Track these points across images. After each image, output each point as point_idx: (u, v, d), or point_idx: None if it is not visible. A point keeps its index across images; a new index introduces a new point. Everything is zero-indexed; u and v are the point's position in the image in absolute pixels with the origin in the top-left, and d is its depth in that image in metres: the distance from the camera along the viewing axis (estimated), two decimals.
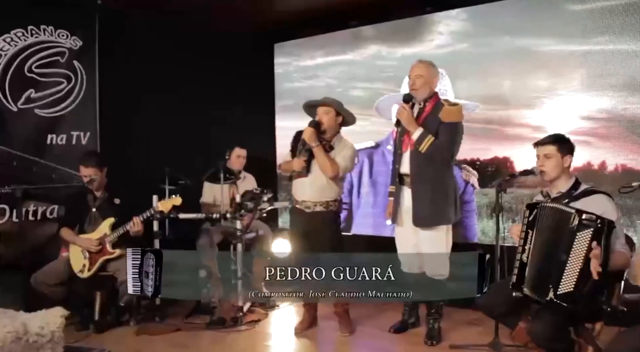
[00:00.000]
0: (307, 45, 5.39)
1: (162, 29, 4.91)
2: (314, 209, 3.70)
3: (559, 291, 2.50)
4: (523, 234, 2.76)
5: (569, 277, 2.48)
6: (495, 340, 3.27)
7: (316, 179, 3.68)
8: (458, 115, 3.43)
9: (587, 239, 2.45)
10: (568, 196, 2.76)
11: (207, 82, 5.21)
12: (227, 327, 3.95)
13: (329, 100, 3.77)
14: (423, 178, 3.46)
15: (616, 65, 3.81)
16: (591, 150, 3.92)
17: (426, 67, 3.51)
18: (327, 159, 3.60)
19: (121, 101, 4.69)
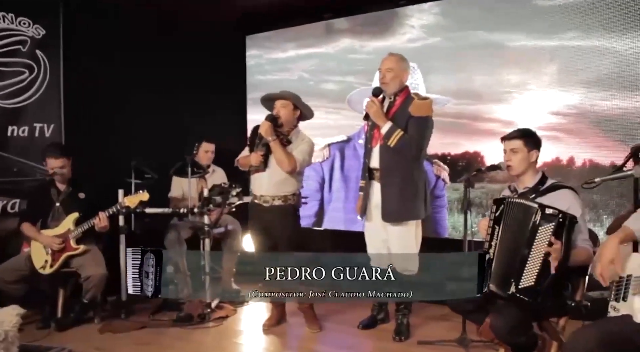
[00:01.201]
0: (279, 37, 5.32)
1: (130, 19, 4.78)
2: (272, 203, 3.66)
3: (520, 285, 2.50)
4: (490, 229, 2.75)
5: (530, 271, 2.48)
6: (462, 336, 3.27)
7: (274, 174, 3.63)
8: (428, 110, 3.41)
9: (548, 234, 2.45)
10: (535, 191, 2.75)
11: (177, 74, 5.09)
12: (194, 324, 3.89)
13: (286, 93, 3.72)
14: (392, 173, 3.43)
15: (585, 61, 3.83)
16: (560, 146, 3.94)
17: (397, 61, 3.47)
18: (284, 154, 3.55)
19: (87, 93, 4.55)
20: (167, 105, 5.03)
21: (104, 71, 4.62)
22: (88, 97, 4.56)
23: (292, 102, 3.67)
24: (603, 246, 2.22)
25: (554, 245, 2.42)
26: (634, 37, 3.63)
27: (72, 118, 4.51)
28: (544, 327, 2.83)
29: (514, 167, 2.78)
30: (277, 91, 3.81)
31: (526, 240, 2.51)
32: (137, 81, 4.82)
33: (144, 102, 4.88)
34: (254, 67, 5.50)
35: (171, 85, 5.05)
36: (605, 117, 3.78)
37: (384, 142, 3.40)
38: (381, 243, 3.57)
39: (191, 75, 5.19)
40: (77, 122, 4.52)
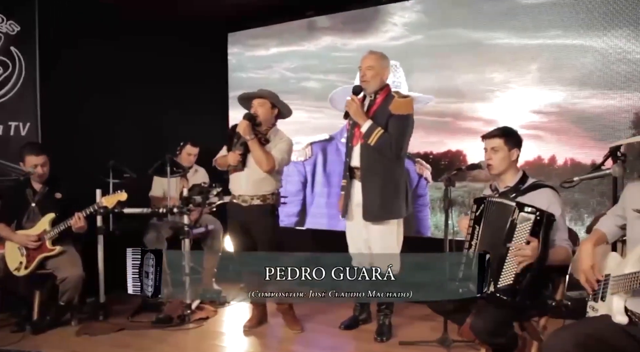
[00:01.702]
0: (261, 35, 5.26)
1: (110, 16, 4.69)
2: (250, 202, 3.61)
3: (499, 284, 2.48)
4: (470, 229, 2.73)
5: (508, 270, 2.46)
6: (444, 336, 3.25)
7: (253, 173, 3.59)
8: (408, 108, 3.38)
9: (526, 232, 2.44)
10: (515, 190, 2.72)
11: (158, 71, 5.01)
12: (173, 326, 3.83)
13: (264, 92, 3.68)
14: (373, 172, 3.40)
15: (567, 60, 3.82)
16: (541, 144, 3.93)
17: (377, 59, 3.44)
18: (262, 153, 3.50)
19: (64, 90, 4.46)
20: (147, 104, 4.95)
21: (82, 68, 4.53)
22: (65, 95, 4.47)
23: (270, 101, 3.62)
24: (579, 252, 2.21)
25: (531, 243, 2.41)
26: (615, 36, 3.63)
27: (49, 116, 4.41)
28: (525, 327, 2.82)
29: (494, 166, 2.76)
30: (257, 89, 3.77)
31: (504, 238, 2.50)
32: (116, 79, 4.73)
33: (124, 100, 4.80)
34: (236, 65, 5.44)
35: (151, 83, 4.97)
36: (587, 115, 3.78)
37: (365, 141, 3.37)
38: (362, 242, 3.54)
39: (172, 73, 5.11)
40: (54, 120, 4.42)
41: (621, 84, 3.63)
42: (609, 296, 2.05)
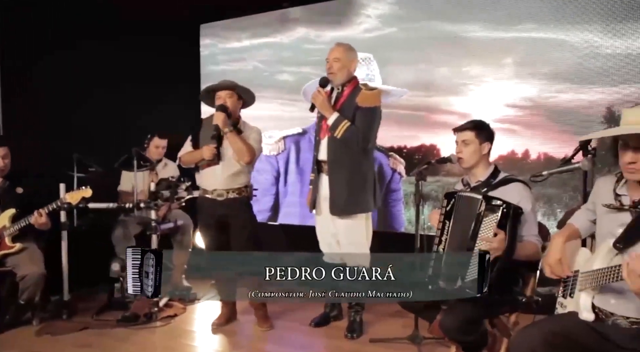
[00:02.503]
0: (233, 26, 5.15)
1: (75, 6, 4.54)
2: (227, 196, 3.53)
3: (467, 279, 2.42)
4: (441, 224, 2.67)
5: (475, 264, 2.41)
6: (414, 333, 3.21)
7: (228, 166, 3.51)
8: (375, 100, 3.32)
9: (493, 224, 2.41)
10: (487, 185, 2.68)
11: (127, 64, 4.87)
12: (139, 324, 3.72)
13: (229, 83, 3.59)
14: (340, 165, 3.35)
15: (541, 53, 3.80)
16: (515, 139, 3.90)
17: (344, 50, 3.37)
18: (243, 144, 3.43)
19: (26, 82, 4.30)
20: (116, 96, 4.81)
21: (45, 60, 4.37)
22: (27, 87, 4.31)
23: (236, 92, 3.54)
24: (549, 245, 2.17)
25: (498, 235, 2.37)
26: (587, 30, 3.61)
27: (10, 109, 4.25)
28: (495, 323, 2.78)
29: (465, 159, 2.71)
30: (219, 81, 3.66)
31: (472, 232, 2.46)
32: (82, 70, 4.58)
33: (91, 91, 4.65)
34: (208, 57, 5.32)
35: (120, 75, 4.83)
36: (560, 110, 3.75)
37: (331, 134, 3.30)
38: (332, 237, 3.49)
39: (143, 64, 4.97)
40: (15, 113, 4.26)
41: (593, 79, 3.61)
42: (577, 292, 2.01)
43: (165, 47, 5.10)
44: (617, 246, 1.87)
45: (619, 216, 1.93)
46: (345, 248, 3.42)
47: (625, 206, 1.91)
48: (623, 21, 3.49)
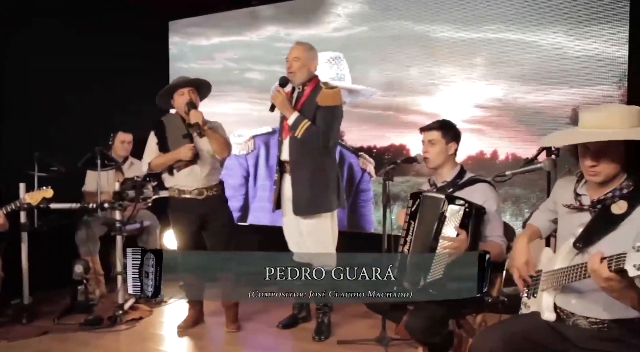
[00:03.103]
0: (203, 23, 5.07)
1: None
2: (207, 194, 3.50)
3: (429, 279, 2.41)
4: (406, 224, 2.65)
5: (438, 263, 2.40)
6: (382, 334, 3.19)
7: (205, 164, 3.48)
8: (336, 99, 3.31)
9: (455, 224, 2.41)
10: (453, 185, 2.67)
11: (93, 58, 4.76)
12: (103, 327, 3.63)
13: (190, 78, 3.55)
14: (302, 165, 3.33)
15: (508, 54, 3.82)
16: (484, 139, 3.91)
17: (304, 50, 3.35)
18: (221, 139, 3.42)
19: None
20: (81, 92, 4.69)
21: (3, 54, 4.24)
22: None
23: (195, 86, 3.50)
24: (514, 249, 2.16)
25: (460, 235, 2.37)
26: (552, 32, 3.64)
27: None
28: (461, 324, 2.77)
29: (430, 159, 2.70)
30: (177, 78, 3.61)
31: (434, 232, 2.44)
32: (46, 64, 4.45)
33: (54, 87, 4.52)
34: (177, 54, 5.23)
35: (86, 72, 4.71)
36: (527, 110, 3.78)
37: (292, 134, 3.28)
38: (299, 237, 3.46)
39: (108, 61, 4.86)
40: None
41: (559, 80, 3.65)
42: (540, 292, 2.00)
43: (133, 44, 5.00)
44: (577, 245, 1.87)
45: (579, 216, 1.92)
46: (311, 248, 3.39)
47: (585, 206, 1.91)
48: (586, 24, 3.53)
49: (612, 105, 1.89)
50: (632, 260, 1.45)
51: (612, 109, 1.82)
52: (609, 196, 1.85)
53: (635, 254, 1.45)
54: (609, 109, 1.82)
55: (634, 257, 1.45)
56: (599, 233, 1.84)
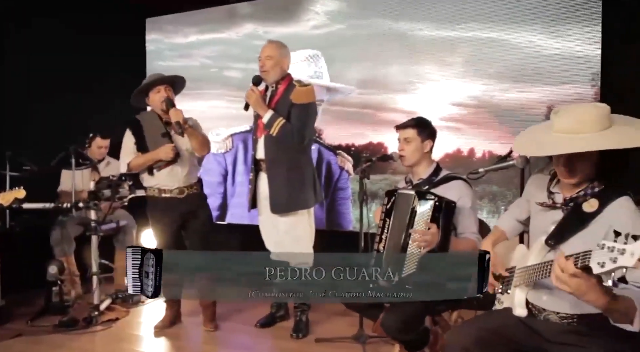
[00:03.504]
0: (180, 21, 5.02)
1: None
2: (187, 192, 3.49)
3: (403, 274, 2.42)
4: (381, 222, 2.66)
5: (411, 259, 2.41)
6: (359, 332, 3.18)
7: (184, 163, 3.47)
8: (309, 96, 3.31)
9: (426, 218, 2.41)
10: (428, 182, 2.69)
11: (68, 56, 4.69)
12: (78, 329, 3.57)
13: (166, 76, 3.52)
14: (277, 163, 3.33)
15: (485, 53, 3.84)
16: (461, 137, 3.94)
17: (276, 48, 3.35)
18: (201, 136, 3.41)
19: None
20: (55, 91, 4.62)
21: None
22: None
23: (170, 83, 3.48)
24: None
25: (430, 229, 2.39)
26: (528, 31, 3.67)
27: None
28: (437, 321, 2.79)
29: (406, 157, 2.71)
30: (150, 75, 3.59)
31: (406, 228, 2.45)
32: (19, 62, 4.38)
33: (29, 85, 4.45)
34: (154, 52, 5.17)
35: (61, 68, 4.64)
36: (504, 108, 3.81)
37: (267, 132, 3.26)
38: (276, 235, 3.45)
39: (83, 59, 4.79)
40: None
41: (536, 78, 3.68)
42: (512, 288, 2.02)
43: (109, 41, 4.94)
44: (549, 242, 1.88)
45: (551, 214, 1.94)
46: (288, 245, 3.39)
47: (557, 204, 1.93)
48: (560, 23, 3.57)
49: (583, 108, 1.84)
50: (597, 258, 1.46)
51: (583, 113, 1.79)
52: (581, 194, 1.87)
53: (599, 251, 1.46)
54: (580, 113, 1.79)
55: (598, 255, 1.46)
56: (571, 231, 1.85)
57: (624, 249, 1.41)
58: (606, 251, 1.44)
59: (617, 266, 1.41)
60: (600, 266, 1.45)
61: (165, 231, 3.52)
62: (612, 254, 1.43)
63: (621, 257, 1.41)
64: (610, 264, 1.43)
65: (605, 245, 1.45)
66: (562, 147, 1.78)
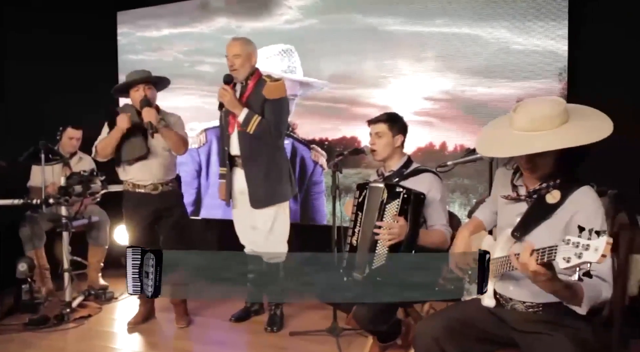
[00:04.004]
0: (152, 14, 4.96)
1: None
2: (162, 189, 3.49)
3: (374, 266, 2.46)
4: (354, 215, 2.69)
5: (381, 251, 2.45)
6: (333, 325, 3.22)
7: (160, 160, 3.46)
8: (281, 91, 3.34)
9: (395, 210, 2.44)
10: (399, 175, 2.72)
11: (37, 48, 4.60)
12: (49, 327, 3.54)
13: (146, 74, 3.48)
14: (254, 159, 3.35)
15: (457, 48, 3.88)
16: (433, 131, 3.98)
17: (242, 45, 3.36)
18: (177, 136, 3.40)
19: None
20: (24, 84, 4.53)
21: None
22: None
23: (152, 82, 3.47)
24: (455, 239, 2.23)
25: (399, 221, 2.41)
26: (497, 27, 3.73)
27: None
28: (409, 312, 2.84)
29: (378, 151, 2.75)
30: (132, 73, 3.53)
31: (376, 220, 2.48)
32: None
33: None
34: (126, 45, 5.10)
35: (31, 60, 4.56)
36: (475, 103, 3.86)
37: (243, 129, 3.28)
38: (251, 230, 3.47)
39: (54, 51, 4.71)
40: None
41: (505, 74, 3.74)
42: None
43: (80, 34, 4.86)
44: (515, 234, 1.93)
45: (516, 206, 1.99)
46: (264, 239, 3.41)
47: (521, 196, 1.98)
48: (529, 20, 3.63)
49: (539, 105, 1.85)
50: (562, 253, 1.51)
51: (540, 110, 1.82)
52: (543, 186, 1.92)
53: (564, 247, 1.51)
54: (537, 110, 1.82)
55: (564, 250, 1.51)
56: (535, 222, 1.91)
57: (588, 245, 1.46)
58: (571, 247, 1.49)
59: (582, 261, 1.46)
60: (565, 261, 1.50)
61: (137, 226, 3.50)
62: (577, 250, 1.48)
63: (586, 252, 1.46)
64: (575, 260, 1.48)
65: (570, 240, 1.50)
66: (521, 148, 1.82)
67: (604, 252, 1.43)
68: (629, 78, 3.35)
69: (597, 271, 1.64)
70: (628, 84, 3.34)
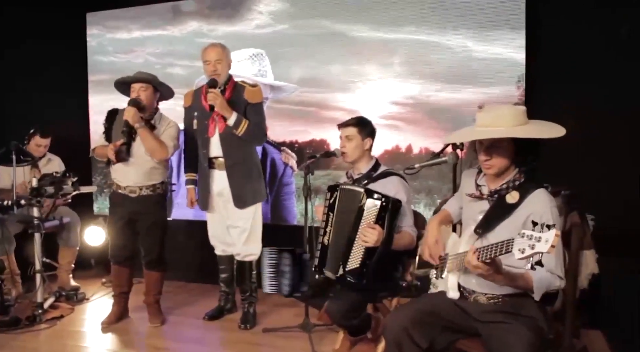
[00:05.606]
0: (123, 16, 4.97)
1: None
2: (140, 193, 3.51)
3: (347, 268, 2.59)
4: (325, 216, 2.81)
5: (356, 253, 2.58)
6: (305, 321, 3.32)
7: (141, 163, 3.47)
8: (261, 95, 3.50)
9: (373, 217, 2.56)
10: (367, 177, 2.85)
11: (6, 49, 4.56)
12: (21, 328, 3.54)
13: (145, 75, 3.53)
14: (236, 160, 3.45)
15: (422, 55, 4.04)
16: (399, 134, 4.13)
17: (222, 50, 3.47)
18: (155, 141, 3.40)
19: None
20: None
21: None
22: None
23: (152, 84, 3.49)
24: (426, 229, 2.38)
25: (376, 228, 2.54)
26: (462, 36, 3.91)
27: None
28: (378, 307, 2.97)
29: (348, 153, 2.87)
30: (135, 73, 3.58)
31: (353, 223, 2.61)
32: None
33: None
34: (95, 47, 5.09)
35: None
36: (439, 107, 4.03)
37: (225, 131, 3.38)
38: (225, 230, 3.55)
39: (23, 53, 4.68)
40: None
41: (467, 80, 3.92)
42: (446, 273, 2.22)
43: (51, 36, 4.84)
44: (477, 231, 2.09)
45: (479, 204, 2.16)
46: (246, 236, 3.53)
47: (484, 195, 2.15)
48: (490, 29, 3.83)
49: (502, 107, 2.11)
50: (518, 245, 1.68)
51: (502, 110, 2.06)
52: (503, 186, 2.10)
53: (520, 239, 1.68)
54: (499, 110, 2.06)
55: (519, 243, 1.67)
56: (496, 220, 2.08)
57: (540, 237, 1.64)
58: (526, 239, 1.67)
59: (535, 251, 1.64)
60: (521, 252, 1.67)
61: (113, 224, 3.61)
62: (531, 242, 1.66)
63: (538, 244, 1.64)
64: (529, 250, 1.65)
65: (524, 234, 1.68)
66: (480, 135, 2.06)
67: (553, 243, 1.61)
68: (581, 84, 3.57)
69: (545, 264, 1.81)
70: (580, 90, 3.56)
